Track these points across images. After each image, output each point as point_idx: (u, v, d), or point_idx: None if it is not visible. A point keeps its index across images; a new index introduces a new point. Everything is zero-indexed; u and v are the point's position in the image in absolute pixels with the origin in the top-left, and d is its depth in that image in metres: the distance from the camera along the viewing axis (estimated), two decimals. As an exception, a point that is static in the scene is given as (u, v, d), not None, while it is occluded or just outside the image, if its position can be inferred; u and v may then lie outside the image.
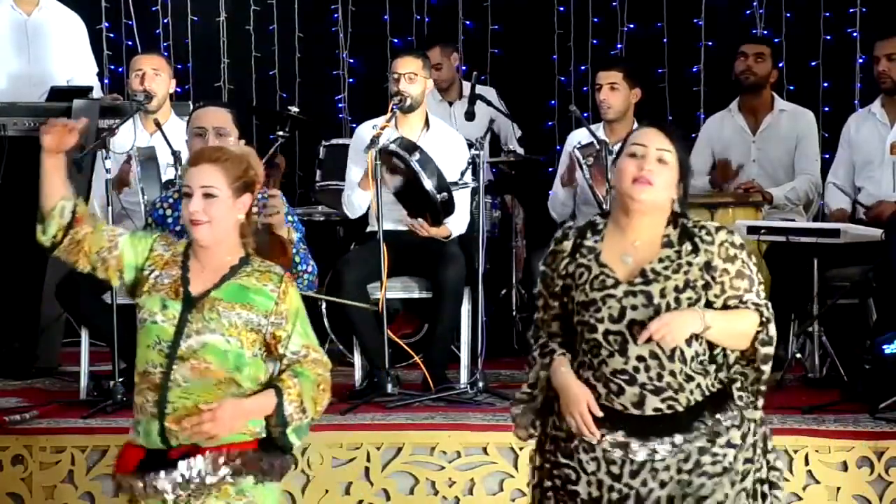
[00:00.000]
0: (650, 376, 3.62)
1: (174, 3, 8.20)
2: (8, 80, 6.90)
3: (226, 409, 3.69)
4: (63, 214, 3.82)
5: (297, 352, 3.80)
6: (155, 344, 3.76)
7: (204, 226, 3.78)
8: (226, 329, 3.75)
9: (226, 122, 5.12)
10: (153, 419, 3.75)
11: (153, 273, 3.84)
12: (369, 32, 8.35)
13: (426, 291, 6.28)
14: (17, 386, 6.42)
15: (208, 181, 3.78)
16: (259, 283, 3.80)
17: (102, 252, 3.84)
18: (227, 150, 3.88)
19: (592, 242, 3.73)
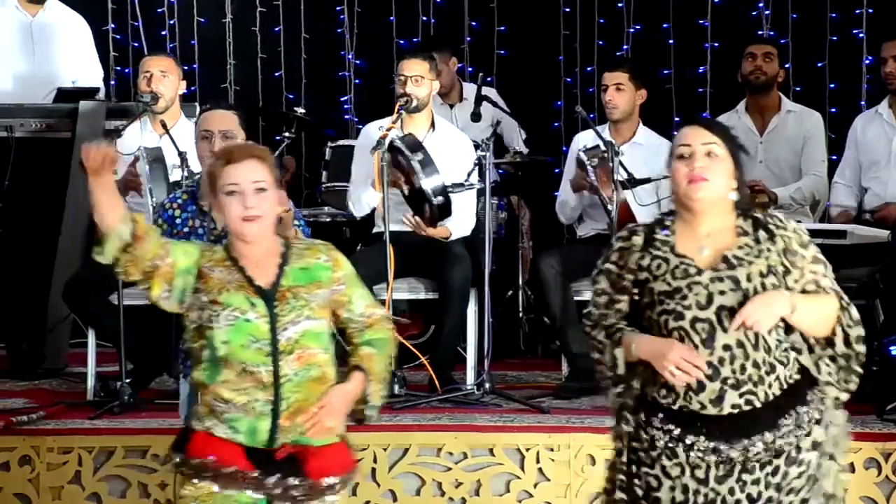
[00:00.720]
0: (734, 368, 3.61)
1: (180, 5, 8.21)
2: (14, 82, 6.91)
3: (334, 398, 3.76)
4: (122, 237, 3.77)
5: (364, 313, 3.88)
6: (250, 342, 3.74)
7: (259, 220, 3.78)
8: (314, 311, 3.78)
9: (232, 125, 5.13)
10: (263, 417, 3.73)
11: (214, 270, 3.81)
12: (375, 33, 8.35)
13: (432, 292, 6.28)
14: (24, 387, 6.43)
15: (258, 176, 3.79)
16: (313, 259, 3.83)
17: (155, 260, 3.80)
18: (260, 146, 3.91)
19: (664, 236, 3.74)
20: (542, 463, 5.38)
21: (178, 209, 4.93)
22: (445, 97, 7.65)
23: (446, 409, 5.86)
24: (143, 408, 5.77)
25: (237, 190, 3.78)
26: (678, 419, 3.66)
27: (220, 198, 3.81)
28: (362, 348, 3.86)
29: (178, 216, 4.90)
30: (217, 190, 3.82)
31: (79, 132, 6.52)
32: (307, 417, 3.74)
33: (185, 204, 4.97)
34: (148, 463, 5.35)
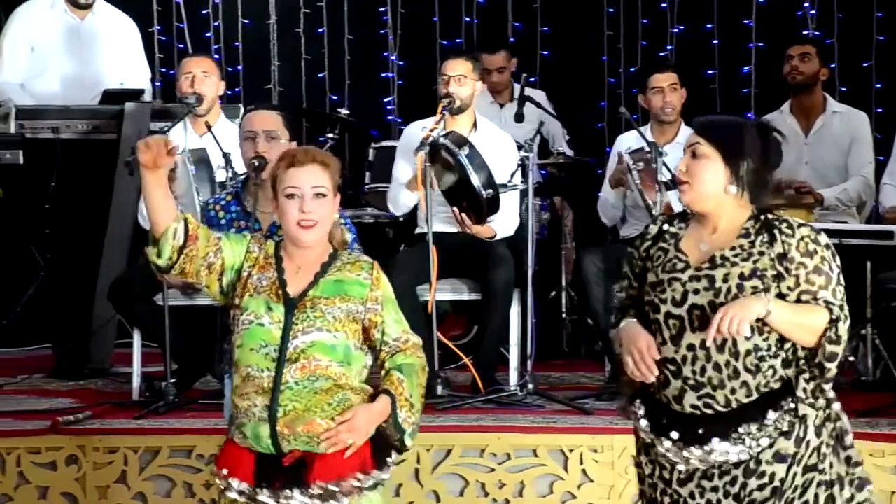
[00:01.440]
0: (694, 369, 3.60)
1: (225, 6, 8.25)
2: (62, 84, 6.95)
3: (360, 417, 3.75)
4: (175, 236, 3.79)
5: (399, 338, 3.87)
6: (260, 347, 3.76)
7: (316, 226, 3.80)
8: (330, 324, 3.77)
9: (276, 125, 5.14)
10: (262, 423, 3.75)
11: (252, 274, 3.83)
12: (418, 34, 8.37)
13: (475, 293, 6.28)
14: (71, 387, 6.47)
15: (319, 181, 3.81)
16: (352, 274, 3.84)
17: (209, 257, 3.82)
18: (324, 152, 3.91)
19: (677, 229, 3.74)
20: (586, 464, 5.37)
21: (222, 210, 4.95)
22: (497, 95, 7.65)
23: (489, 409, 5.86)
24: (188, 408, 5.79)
25: (297, 193, 3.79)
26: (651, 409, 3.67)
27: (279, 200, 3.83)
28: (392, 373, 3.84)
29: (221, 216, 4.92)
30: (278, 192, 3.83)
31: (124, 134, 6.56)
32: (329, 433, 3.74)
33: (228, 205, 4.99)
34: (193, 463, 5.37)
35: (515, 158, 6.23)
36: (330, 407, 3.77)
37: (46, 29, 6.99)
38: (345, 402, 3.79)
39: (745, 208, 3.68)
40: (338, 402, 3.78)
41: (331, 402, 3.77)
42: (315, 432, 3.76)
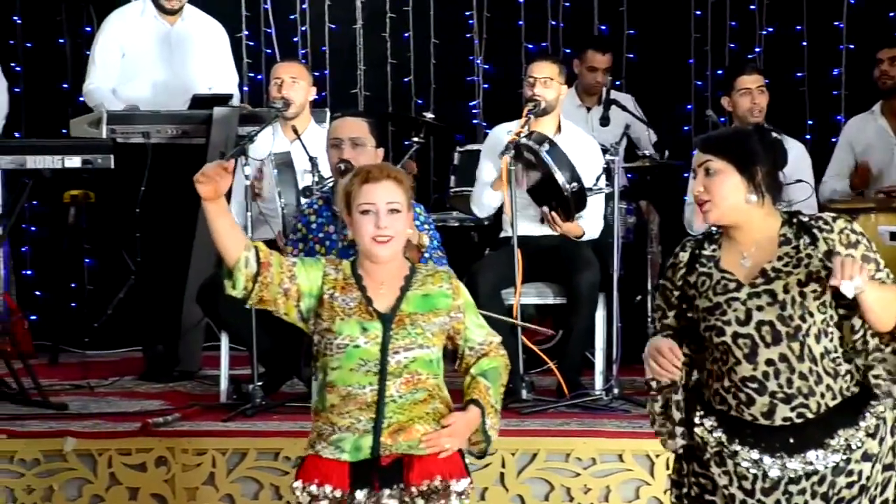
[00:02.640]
0: (780, 383, 3.56)
1: (312, 11, 8.30)
2: (152, 89, 7.03)
3: (459, 424, 3.84)
4: (248, 265, 3.82)
5: (483, 342, 3.93)
6: (360, 366, 3.80)
7: (392, 241, 3.82)
8: (428, 340, 3.83)
9: (362, 132, 5.17)
10: (365, 435, 3.79)
11: (335, 297, 3.85)
12: (504, 38, 8.36)
13: (560, 297, 6.26)
14: (160, 389, 6.55)
15: (393, 197, 3.83)
16: (435, 287, 3.88)
17: (283, 283, 3.85)
18: (397, 168, 3.96)
19: (710, 251, 3.71)
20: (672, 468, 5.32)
21: (314, 214, 4.99)
22: (586, 98, 7.62)
23: (574, 414, 5.84)
24: (275, 410, 5.83)
25: (371, 209, 3.81)
26: (728, 425, 3.63)
27: (354, 216, 3.85)
28: (479, 380, 3.91)
29: (313, 221, 4.95)
30: (352, 208, 3.86)
31: (213, 138, 6.63)
32: (430, 436, 3.79)
33: (320, 209, 5.03)
34: (280, 465, 5.41)
35: (600, 161, 6.21)
36: (427, 415, 3.83)
37: (137, 35, 7.06)
38: (436, 411, 3.85)
39: (772, 216, 3.66)
40: (432, 410, 3.84)
41: (428, 410, 3.83)
42: (414, 438, 3.81)
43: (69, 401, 6.13)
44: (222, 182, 3.81)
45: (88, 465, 5.43)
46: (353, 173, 3.95)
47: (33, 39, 8.04)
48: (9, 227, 6.45)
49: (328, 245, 5.05)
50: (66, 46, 7.94)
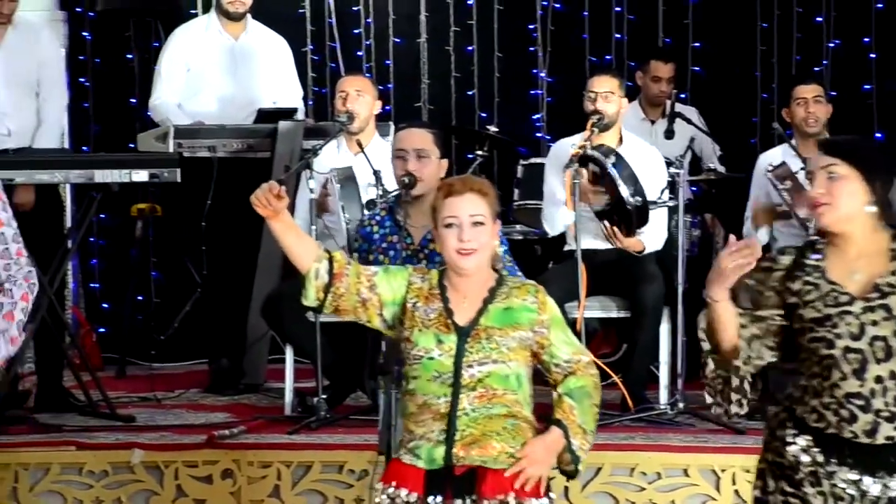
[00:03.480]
0: (886, 401, 3.51)
1: (377, 26, 8.33)
2: (218, 103, 7.07)
3: (537, 450, 3.80)
4: (318, 276, 3.87)
5: (570, 360, 3.89)
6: (435, 377, 3.82)
7: (475, 254, 3.83)
8: (505, 356, 3.81)
9: (426, 144, 5.18)
10: (439, 445, 3.81)
11: (417, 306, 3.88)
12: (568, 51, 8.35)
13: (625, 311, 6.24)
14: (225, 402, 6.59)
15: (476, 210, 3.84)
16: (519, 300, 3.87)
17: (361, 294, 3.89)
18: (481, 180, 3.94)
19: (815, 261, 3.65)
20: (739, 485, 5.29)
21: (376, 225, 5.00)
22: (650, 111, 7.60)
23: (639, 428, 5.81)
24: (339, 423, 5.85)
25: (454, 223, 3.83)
26: (826, 444, 3.57)
27: (439, 229, 3.87)
28: (564, 400, 3.87)
29: (375, 231, 4.97)
30: (437, 222, 3.88)
31: (277, 152, 6.67)
32: (512, 475, 3.77)
33: (382, 220, 5.05)
34: (344, 478, 5.42)
35: (664, 174, 6.19)
36: (505, 431, 3.81)
37: (202, 50, 7.12)
38: (516, 428, 3.83)
39: (880, 231, 3.61)
40: (511, 426, 3.82)
41: (506, 426, 3.82)
42: (489, 455, 3.80)
43: (136, 413, 6.19)
44: (277, 204, 3.84)
45: (155, 477, 5.48)
46: (438, 188, 3.98)
47: (102, 55, 8.13)
48: (77, 241, 6.52)
49: (392, 255, 5.07)
50: (133, 62, 8.02)
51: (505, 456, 3.81)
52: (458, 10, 8.34)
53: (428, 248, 4.87)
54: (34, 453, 5.53)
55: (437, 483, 3.83)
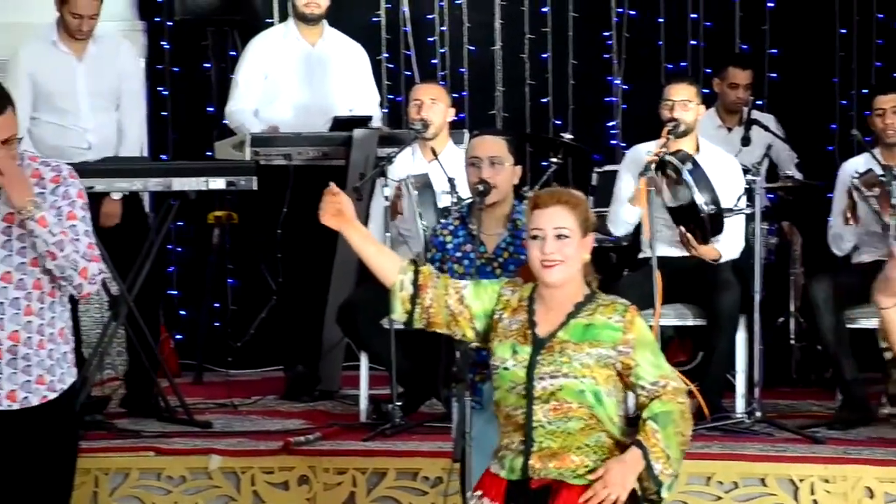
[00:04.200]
0: None
1: (451, 34, 8.34)
2: (294, 111, 7.11)
3: (614, 471, 3.73)
4: (403, 287, 3.90)
5: (656, 382, 3.81)
6: (511, 388, 3.82)
7: (558, 266, 3.82)
8: (578, 371, 3.78)
9: (500, 151, 5.18)
10: (519, 456, 3.81)
11: (502, 319, 3.89)
12: (643, 58, 8.32)
13: (700, 319, 6.20)
14: (301, 408, 6.62)
15: (561, 222, 3.83)
16: (604, 317, 3.83)
17: (451, 307, 3.91)
18: (571, 192, 3.92)
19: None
20: (817, 495, 5.24)
21: (450, 234, 5.01)
22: (727, 118, 7.55)
23: (716, 437, 5.77)
24: (414, 430, 5.86)
25: (539, 235, 3.83)
26: None
27: (527, 241, 3.88)
28: (647, 423, 3.78)
29: (449, 241, 4.97)
30: (528, 233, 3.89)
31: (353, 160, 6.70)
32: (587, 497, 3.74)
33: (455, 229, 5.05)
34: (419, 485, 5.43)
35: (741, 181, 6.15)
36: (587, 447, 3.79)
37: (279, 57, 7.16)
38: (600, 444, 3.80)
39: None
40: (594, 442, 3.79)
41: (587, 441, 3.79)
42: (567, 467, 3.78)
43: (213, 419, 6.24)
44: (342, 207, 3.85)
45: (232, 483, 5.52)
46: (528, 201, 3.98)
47: (181, 64, 8.21)
48: (156, 248, 6.58)
49: (466, 264, 5.07)
50: (211, 70, 8.09)
51: (584, 470, 3.78)
52: (533, 17, 8.33)
53: (502, 258, 4.86)
54: (114, 458, 5.60)
55: (516, 495, 3.82)
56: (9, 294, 4.09)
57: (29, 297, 4.11)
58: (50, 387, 4.15)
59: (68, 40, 6.53)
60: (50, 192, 4.14)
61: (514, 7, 8.34)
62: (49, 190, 4.15)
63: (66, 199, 4.15)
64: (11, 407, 4.12)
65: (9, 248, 4.10)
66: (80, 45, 6.56)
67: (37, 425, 4.14)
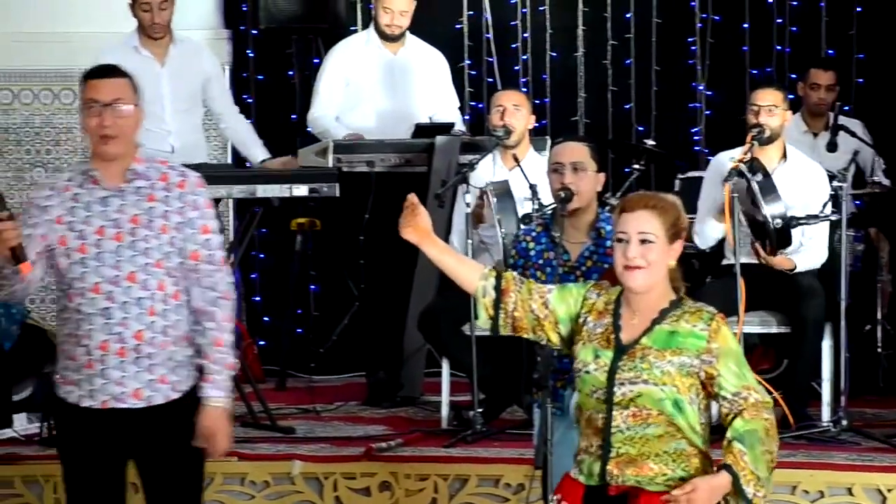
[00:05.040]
0: None
1: (534, 40, 8.33)
2: (376, 117, 7.15)
3: (701, 491, 3.68)
4: (486, 293, 3.90)
5: (738, 394, 3.76)
6: (592, 392, 3.81)
7: (640, 271, 3.79)
8: (658, 378, 3.75)
9: (583, 157, 5.17)
10: (597, 461, 3.79)
11: (587, 322, 3.88)
12: (728, 63, 8.26)
13: (784, 326, 6.15)
14: (383, 414, 6.64)
15: (646, 227, 3.80)
16: (688, 325, 3.79)
17: (535, 311, 3.90)
18: (661, 197, 3.88)
19: None
20: (904, 505, 5.17)
21: (532, 241, 5.00)
22: (812, 122, 7.47)
23: (801, 445, 5.72)
24: (496, 437, 5.86)
25: (623, 238, 3.81)
26: None
27: (614, 243, 3.86)
28: (733, 445, 3.72)
29: (531, 248, 4.97)
30: (614, 236, 3.87)
31: (435, 166, 6.71)
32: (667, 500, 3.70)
33: (538, 236, 5.04)
34: (500, 492, 5.42)
35: (826, 188, 6.09)
36: (666, 454, 3.75)
37: (361, 64, 7.20)
38: (680, 453, 3.76)
39: None
40: (673, 450, 3.76)
41: (666, 449, 3.75)
42: (645, 475, 3.76)
43: (296, 425, 6.28)
44: (420, 221, 3.87)
45: (315, 489, 5.55)
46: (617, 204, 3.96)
47: (265, 72, 8.28)
48: (240, 255, 6.64)
49: (548, 271, 5.07)
50: (294, 78, 8.15)
51: (662, 479, 3.75)
52: (616, 23, 8.29)
53: (585, 266, 4.83)
54: (198, 463, 5.63)
55: (594, 500, 3.80)
56: (134, 294, 4.12)
57: (153, 298, 4.14)
58: (174, 387, 4.18)
59: (149, 44, 6.64)
60: (176, 198, 4.17)
61: (597, 13, 8.31)
62: (175, 195, 4.18)
63: (196, 210, 4.18)
64: (137, 405, 4.15)
65: (134, 249, 4.13)
66: (161, 50, 6.65)
67: (162, 425, 4.17)
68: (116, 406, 4.14)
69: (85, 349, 4.13)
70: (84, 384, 4.15)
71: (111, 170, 4.19)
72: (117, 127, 4.14)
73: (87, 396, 4.15)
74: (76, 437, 4.21)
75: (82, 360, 4.14)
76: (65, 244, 4.15)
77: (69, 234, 4.15)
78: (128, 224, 4.15)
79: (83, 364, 4.14)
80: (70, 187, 4.19)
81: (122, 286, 4.12)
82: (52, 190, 4.21)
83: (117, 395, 4.14)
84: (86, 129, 4.18)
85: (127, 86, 4.20)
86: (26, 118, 8.00)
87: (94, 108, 4.14)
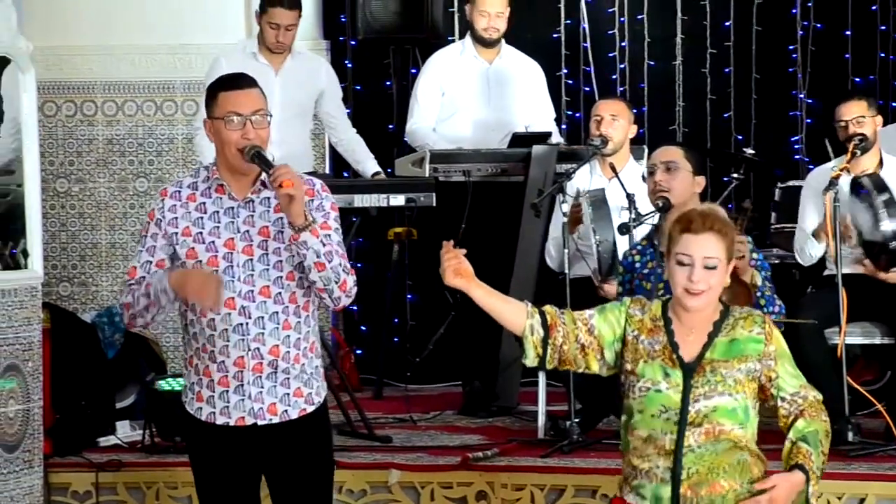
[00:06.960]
0: None
1: (631, 49, 8.30)
2: (473, 128, 7.16)
3: (781, 488, 3.72)
4: (534, 332, 3.88)
5: (796, 393, 3.80)
6: (660, 412, 3.77)
7: (703, 295, 3.78)
8: (732, 388, 3.76)
9: (676, 157, 5.16)
10: (665, 484, 3.76)
11: (640, 340, 3.84)
12: (830, 71, 8.16)
13: (888, 337, 6.05)
14: (479, 424, 6.63)
15: (711, 252, 3.78)
16: (745, 331, 3.80)
17: (580, 339, 3.87)
18: (722, 218, 3.84)
19: None
20: None
21: (638, 254, 5.02)
22: None
23: (904, 459, 5.62)
24: (592, 447, 5.83)
25: (687, 262, 3.78)
26: None
27: (671, 260, 3.82)
28: (800, 446, 3.76)
29: (637, 260, 4.98)
30: (671, 253, 3.83)
31: (531, 176, 6.69)
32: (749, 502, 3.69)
33: (643, 248, 5.05)
34: (597, 503, 5.39)
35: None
36: (731, 468, 3.74)
37: (457, 74, 7.22)
38: (743, 464, 3.76)
39: None
40: (737, 462, 3.75)
41: (731, 462, 3.75)
42: (717, 493, 3.72)
43: (393, 434, 6.29)
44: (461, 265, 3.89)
45: (412, 498, 5.56)
46: (675, 219, 3.90)
47: (363, 82, 8.33)
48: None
49: (652, 280, 5.10)
50: (392, 88, 8.18)
51: (733, 494, 3.73)
52: (715, 32, 8.24)
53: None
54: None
55: None
56: (268, 308, 4.07)
57: (286, 311, 4.08)
58: (308, 399, 4.15)
59: (267, 53, 6.71)
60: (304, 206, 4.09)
61: (697, 22, 8.25)
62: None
63: (321, 212, 4.11)
64: (272, 420, 4.10)
65: (265, 262, 4.07)
66: (278, 59, 6.74)
67: (297, 438, 4.14)
68: (253, 423, 4.09)
69: (219, 365, 4.07)
70: (217, 401, 4.09)
71: (241, 181, 4.12)
72: (260, 139, 4.06)
73: (221, 414, 4.10)
74: (210, 453, 4.16)
75: (216, 376, 4.08)
76: (194, 257, 4.08)
77: (198, 246, 4.08)
78: (258, 236, 4.09)
79: (217, 380, 4.09)
80: (195, 196, 4.13)
81: (257, 301, 4.05)
82: (174, 199, 4.13)
83: (254, 412, 4.08)
84: (221, 141, 4.07)
85: (262, 96, 4.12)
86: (129, 129, 8.12)
87: (235, 121, 4.04)
